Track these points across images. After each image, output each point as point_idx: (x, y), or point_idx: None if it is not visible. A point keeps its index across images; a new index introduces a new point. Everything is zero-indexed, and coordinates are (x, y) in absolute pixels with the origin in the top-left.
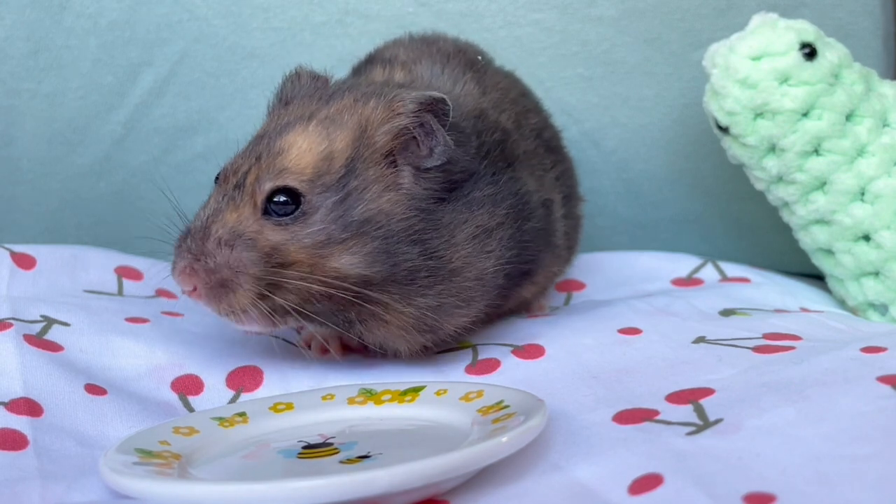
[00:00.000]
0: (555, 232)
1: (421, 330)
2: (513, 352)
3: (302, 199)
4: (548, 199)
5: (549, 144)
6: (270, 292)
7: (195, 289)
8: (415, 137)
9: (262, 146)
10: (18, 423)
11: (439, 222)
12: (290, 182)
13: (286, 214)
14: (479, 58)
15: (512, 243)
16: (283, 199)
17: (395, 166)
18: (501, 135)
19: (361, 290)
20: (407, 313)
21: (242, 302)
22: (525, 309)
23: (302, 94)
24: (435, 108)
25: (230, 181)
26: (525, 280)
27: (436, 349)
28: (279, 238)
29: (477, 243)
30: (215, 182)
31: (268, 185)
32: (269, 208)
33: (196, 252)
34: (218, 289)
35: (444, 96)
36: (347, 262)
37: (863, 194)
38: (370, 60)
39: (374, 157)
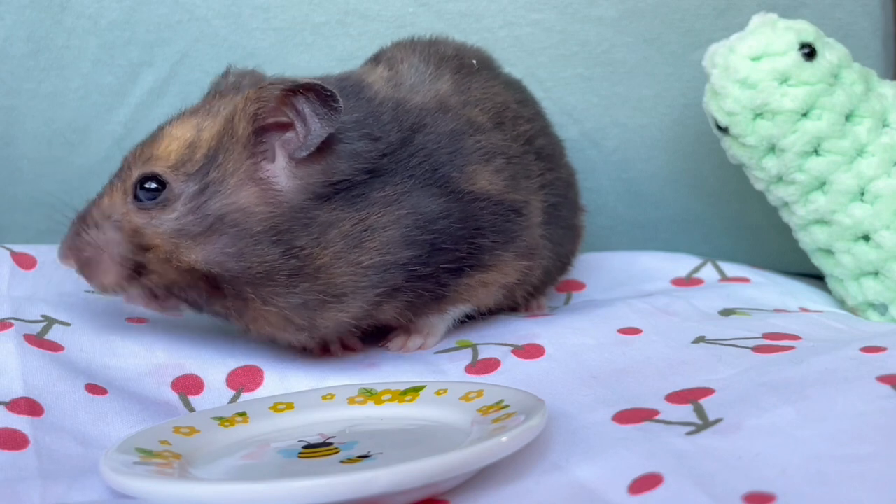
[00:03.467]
0: (518, 233)
1: (291, 329)
2: (513, 352)
3: (167, 185)
4: (519, 201)
5: (541, 153)
6: (138, 274)
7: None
8: (293, 127)
9: (149, 136)
10: (19, 422)
11: (311, 221)
12: (155, 168)
13: (149, 200)
14: (474, 61)
15: (410, 241)
16: (153, 185)
17: (265, 158)
18: (463, 125)
19: (215, 287)
20: (269, 312)
21: (110, 279)
22: (524, 309)
23: (225, 88)
24: (306, 94)
25: (120, 169)
26: (471, 271)
27: (313, 343)
28: (141, 221)
29: (351, 239)
30: None
31: (136, 172)
32: (139, 194)
33: (73, 232)
34: (87, 267)
35: (316, 83)
36: (198, 257)
37: (862, 194)
38: (370, 61)
39: (235, 148)
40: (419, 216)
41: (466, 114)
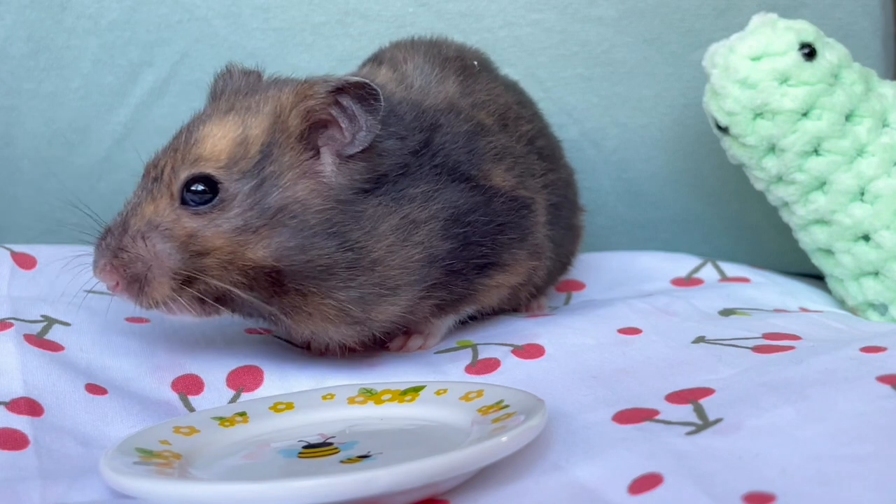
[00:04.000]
0: (531, 230)
1: (347, 322)
2: (513, 352)
3: (219, 186)
4: (528, 198)
5: (542, 153)
6: (189, 283)
7: (118, 284)
8: (338, 124)
9: (180, 139)
10: (19, 422)
11: (361, 214)
12: (206, 169)
13: (204, 203)
14: (475, 62)
15: (447, 234)
16: (200, 187)
17: (316, 154)
18: (474, 127)
19: (277, 283)
20: (328, 305)
21: (161, 293)
22: (525, 309)
23: (230, 89)
24: (355, 92)
25: (150, 176)
26: (491, 270)
27: (368, 343)
28: (196, 225)
29: (401, 233)
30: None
31: (184, 174)
32: (187, 197)
33: (114, 248)
34: (134, 283)
35: (366, 81)
36: (264, 253)
37: (862, 194)
38: (370, 61)
39: (288, 143)
40: (453, 209)
41: (475, 115)
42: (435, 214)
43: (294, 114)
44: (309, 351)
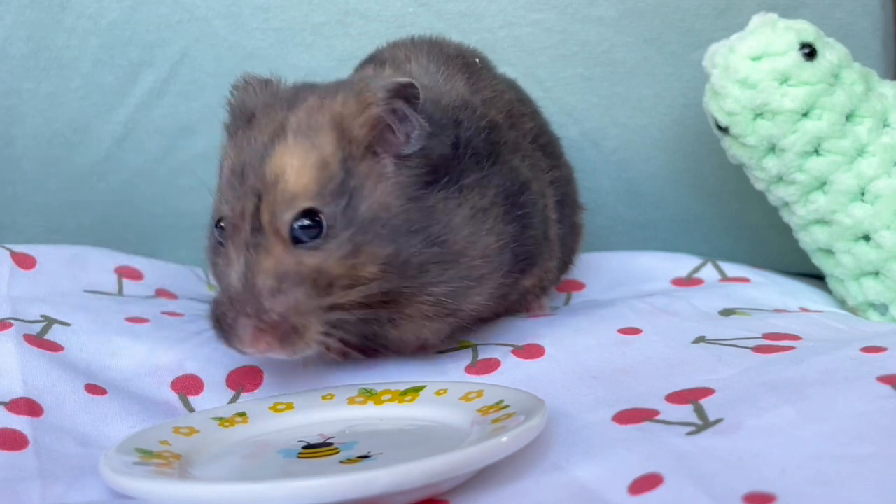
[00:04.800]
0: (549, 224)
1: (442, 316)
2: (513, 352)
3: (321, 216)
4: (541, 192)
5: (545, 150)
6: (331, 322)
7: (270, 346)
8: (389, 125)
9: (252, 180)
10: (18, 423)
11: (433, 209)
12: (306, 203)
13: (315, 237)
14: (477, 60)
15: (509, 218)
16: (306, 222)
17: (378, 157)
18: (489, 124)
19: (385, 294)
20: (426, 302)
21: (311, 336)
22: (525, 309)
23: (261, 104)
24: (405, 93)
25: (242, 229)
26: (527, 267)
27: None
28: (317, 260)
29: (475, 223)
30: (216, 230)
31: (288, 215)
32: (298, 236)
33: (254, 313)
34: (288, 339)
35: (412, 80)
36: (372, 268)
37: (863, 194)
38: (368, 61)
39: (359, 152)
40: (504, 191)
41: (487, 112)
42: (493, 199)
43: (359, 123)
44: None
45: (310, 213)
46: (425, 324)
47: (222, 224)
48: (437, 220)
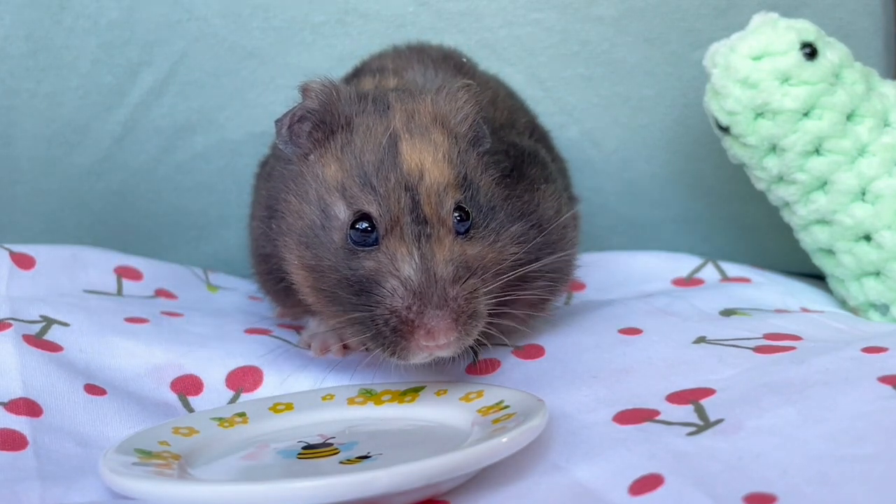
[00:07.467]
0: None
1: (542, 299)
2: (513, 352)
3: (464, 206)
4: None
5: (540, 142)
6: (491, 304)
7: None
8: (476, 122)
9: (396, 177)
10: (18, 423)
11: (519, 199)
12: (456, 196)
13: (466, 229)
14: (465, 60)
15: (567, 194)
16: (458, 216)
17: (475, 151)
18: (493, 124)
19: (518, 278)
20: (545, 278)
21: (483, 313)
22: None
23: (356, 109)
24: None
25: (401, 223)
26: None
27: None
28: (477, 248)
29: (556, 203)
30: (352, 232)
31: (447, 206)
32: (457, 227)
33: (441, 302)
34: (470, 324)
35: (472, 83)
36: (511, 247)
37: (863, 194)
38: (357, 73)
39: (464, 146)
40: (555, 175)
41: (489, 113)
42: (556, 187)
43: (460, 121)
44: (309, 350)
45: (458, 206)
46: (525, 310)
47: (360, 225)
48: (530, 209)
